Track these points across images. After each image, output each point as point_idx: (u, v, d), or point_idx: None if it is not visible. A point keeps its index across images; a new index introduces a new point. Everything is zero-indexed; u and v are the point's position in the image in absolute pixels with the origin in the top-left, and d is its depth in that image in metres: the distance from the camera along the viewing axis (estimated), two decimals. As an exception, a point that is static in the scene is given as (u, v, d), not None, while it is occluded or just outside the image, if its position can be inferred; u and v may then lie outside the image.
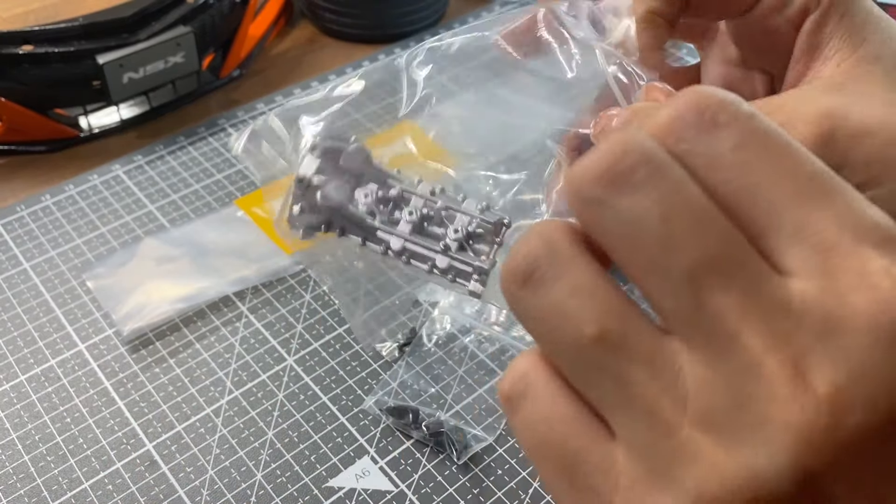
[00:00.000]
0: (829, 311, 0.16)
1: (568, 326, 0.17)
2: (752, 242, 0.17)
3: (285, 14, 0.71)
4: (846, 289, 0.16)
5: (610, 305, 0.17)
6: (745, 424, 0.16)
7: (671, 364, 0.17)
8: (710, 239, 0.16)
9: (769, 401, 0.16)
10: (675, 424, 0.16)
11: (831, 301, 0.16)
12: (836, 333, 0.15)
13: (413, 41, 0.69)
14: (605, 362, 0.17)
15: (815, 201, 0.16)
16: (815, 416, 0.15)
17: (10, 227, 0.52)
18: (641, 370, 0.17)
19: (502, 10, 0.73)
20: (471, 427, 0.40)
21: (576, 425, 0.18)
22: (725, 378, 0.16)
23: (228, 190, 0.54)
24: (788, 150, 0.17)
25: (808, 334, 0.16)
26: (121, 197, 0.54)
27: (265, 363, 0.44)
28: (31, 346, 0.44)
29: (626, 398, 0.17)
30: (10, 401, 0.42)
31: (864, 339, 0.15)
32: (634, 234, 0.17)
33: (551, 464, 0.18)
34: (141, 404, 0.42)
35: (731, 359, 0.16)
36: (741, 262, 0.16)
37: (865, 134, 0.28)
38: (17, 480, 0.38)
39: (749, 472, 0.16)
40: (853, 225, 0.16)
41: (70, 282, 0.48)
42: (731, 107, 0.17)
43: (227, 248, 0.49)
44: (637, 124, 0.18)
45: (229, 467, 0.39)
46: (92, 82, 0.55)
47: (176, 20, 0.56)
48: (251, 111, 0.61)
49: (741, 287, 0.16)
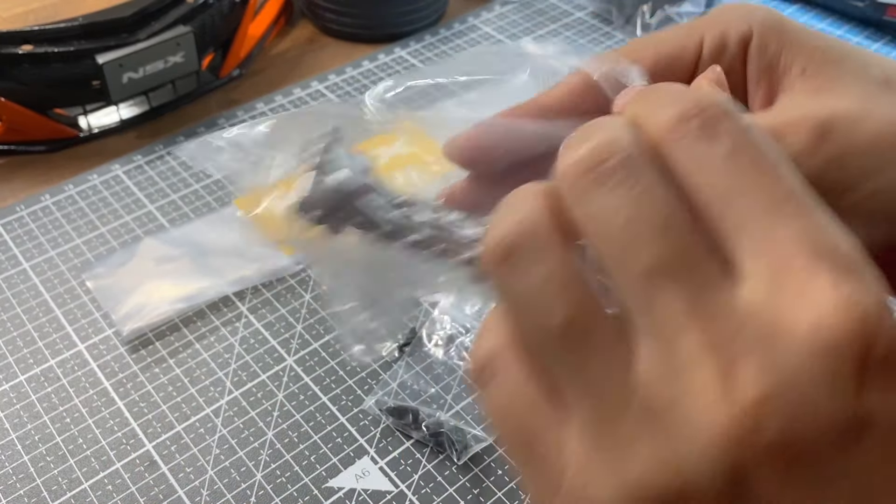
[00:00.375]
0: (770, 321, 0.16)
1: (538, 311, 0.18)
2: (716, 249, 0.18)
3: (285, 14, 0.71)
4: (791, 302, 0.16)
5: (578, 298, 0.18)
6: (676, 420, 0.17)
7: (625, 358, 0.18)
8: (669, 243, 0.17)
9: (699, 399, 0.17)
10: (621, 415, 0.17)
11: (774, 311, 0.16)
12: (773, 342, 0.16)
13: (413, 41, 0.69)
14: (567, 350, 0.18)
15: (785, 217, 0.17)
16: (739, 419, 0.16)
17: (10, 227, 0.51)
18: (599, 362, 0.18)
19: (502, 9, 0.73)
20: (471, 427, 0.40)
21: (536, 407, 0.19)
22: (665, 375, 0.17)
23: (228, 190, 0.54)
24: (773, 166, 0.18)
25: (747, 340, 0.16)
26: (120, 197, 0.54)
27: (265, 363, 0.44)
28: (31, 346, 0.44)
29: (583, 386, 0.18)
30: (9, 401, 0.42)
31: (799, 352, 0.16)
32: (603, 230, 0.18)
33: (512, 439, 0.20)
34: (140, 404, 0.42)
35: (673, 357, 0.17)
36: (695, 267, 0.17)
37: (855, 128, 0.29)
38: (17, 480, 0.38)
39: (676, 467, 0.17)
40: (813, 244, 0.17)
41: (70, 282, 0.48)
42: (731, 117, 0.18)
43: (226, 248, 0.49)
44: (638, 117, 0.19)
45: (229, 467, 0.39)
46: (91, 82, 0.55)
47: (176, 20, 0.56)
48: (251, 111, 0.61)
49: (691, 290, 0.17)
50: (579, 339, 0.18)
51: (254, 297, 0.47)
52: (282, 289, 0.48)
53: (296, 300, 0.47)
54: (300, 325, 0.46)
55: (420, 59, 0.67)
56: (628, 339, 0.18)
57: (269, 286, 0.48)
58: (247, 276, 0.48)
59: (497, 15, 0.73)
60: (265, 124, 0.26)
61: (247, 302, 0.47)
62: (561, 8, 0.74)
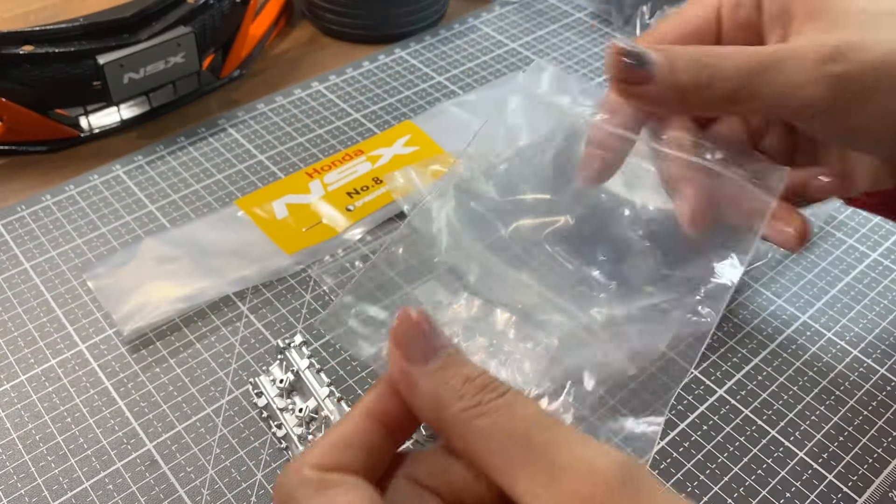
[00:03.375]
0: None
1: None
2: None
3: (285, 14, 0.71)
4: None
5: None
6: None
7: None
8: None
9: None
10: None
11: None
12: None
13: (413, 41, 0.69)
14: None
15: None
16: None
17: (11, 227, 0.52)
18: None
19: (502, 10, 0.73)
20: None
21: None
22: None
23: (229, 190, 0.54)
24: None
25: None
26: (121, 197, 0.54)
27: (266, 363, 0.44)
28: (32, 345, 0.45)
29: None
30: (10, 400, 0.42)
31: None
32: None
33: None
34: (141, 404, 0.42)
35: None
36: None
37: (858, 56, 0.32)
38: (18, 480, 0.39)
39: None
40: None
41: (70, 282, 0.48)
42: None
43: (227, 248, 0.49)
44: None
45: (229, 467, 0.39)
46: (92, 82, 0.55)
47: (176, 20, 0.57)
48: (251, 111, 0.61)
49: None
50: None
51: (254, 296, 0.47)
52: (282, 289, 0.48)
53: (296, 300, 0.47)
54: (300, 325, 0.46)
55: (420, 59, 0.67)
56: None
57: (270, 286, 0.48)
58: (247, 276, 0.48)
59: (497, 16, 0.73)
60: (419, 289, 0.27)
61: (247, 302, 0.47)
62: (560, 8, 0.74)
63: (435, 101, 0.62)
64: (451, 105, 0.62)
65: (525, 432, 0.24)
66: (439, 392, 0.25)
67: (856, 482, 0.39)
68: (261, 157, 0.57)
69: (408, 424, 0.27)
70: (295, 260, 0.49)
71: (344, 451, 0.25)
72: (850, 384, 0.43)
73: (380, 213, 0.52)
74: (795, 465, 0.39)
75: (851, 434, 0.41)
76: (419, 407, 0.26)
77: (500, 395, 0.24)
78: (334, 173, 0.55)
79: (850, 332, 0.46)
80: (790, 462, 0.39)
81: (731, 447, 0.40)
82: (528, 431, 0.24)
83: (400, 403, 0.26)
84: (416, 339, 0.26)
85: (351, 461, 0.25)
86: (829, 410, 0.42)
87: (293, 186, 0.54)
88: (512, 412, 0.24)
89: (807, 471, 0.39)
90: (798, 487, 0.38)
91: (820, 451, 0.40)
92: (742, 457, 0.40)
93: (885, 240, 0.51)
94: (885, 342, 0.45)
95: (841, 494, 0.38)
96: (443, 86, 0.64)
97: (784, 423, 0.41)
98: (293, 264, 0.49)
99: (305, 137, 0.59)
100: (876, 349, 0.45)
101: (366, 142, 0.58)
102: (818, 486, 0.39)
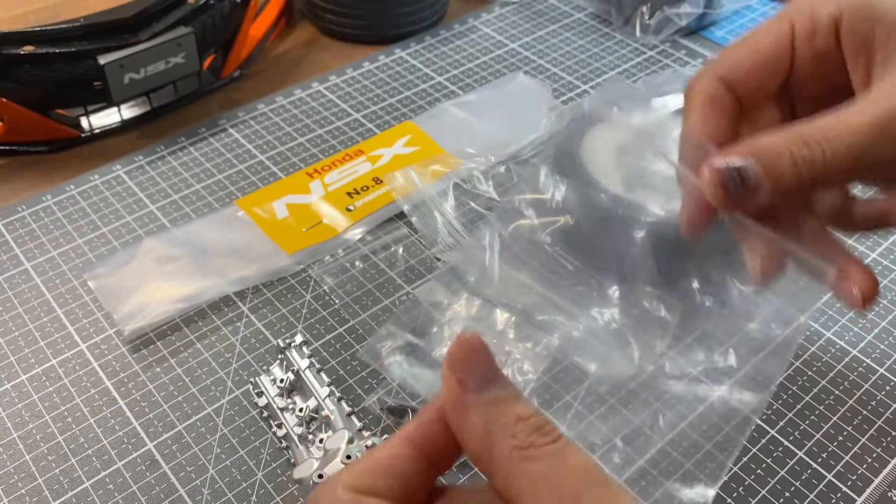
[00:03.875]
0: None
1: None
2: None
3: (286, 15, 0.71)
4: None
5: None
6: None
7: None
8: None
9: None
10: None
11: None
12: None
13: (413, 42, 0.69)
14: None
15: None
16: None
17: (12, 227, 0.52)
18: None
19: (502, 10, 0.74)
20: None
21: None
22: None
23: (229, 190, 0.54)
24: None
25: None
26: (122, 197, 0.54)
27: (266, 362, 0.44)
28: (33, 345, 0.45)
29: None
30: (11, 400, 0.42)
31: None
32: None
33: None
34: (142, 404, 0.42)
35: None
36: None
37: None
38: (19, 479, 0.39)
39: None
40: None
41: (71, 282, 0.48)
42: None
43: (227, 248, 0.49)
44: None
45: (230, 466, 0.39)
46: (93, 83, 0.55)
47: (177, 21, 0.57)
48: (252, 111, 0.61)
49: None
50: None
51: (254, 296, 0.47)
52: (282, 288, 0.48)
53: (296, 300, 0.47)
54: (301, 325, 0.46)
55: (420, 59, 0.67)
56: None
57: (270, 286, 0.48)
58: (247, 276, 0.48)
59: (497, 16, 0.73)
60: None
61: (248, 301, 0.47)
62: (560, 9, 0.74)
63: (435, 102, 0.62)
64: (451, 105, 0.62)
65: (575, 486, 0.23)
66: (490, 426, 0.24)
67: (855, 482, 0.39)
68: (261, 158, 0.57)
69: (449, 455, 0.26)
70: (295, 260, 0.49)
71: (381, 476, 0.24)
72: (849, 384, 0.43)
73: (380, 213, 0.52)
74: (795, 465, 0.39)
75: (851, 434, 0.41)
76: (467, 438, 0.24)
77: (553, 440, 0.24)
78: (334, 173, 0.55)
79: (849, 331, 0.46)
80: (790, 461, 0.40)
81: (730, 447, 0.40)
82: (578, 485, 0.23)
83: (443, 433, 0.25)
84: (473, 366, 0.24)
85: (386, 488, 0.24)
86: (829, 410, 0.42)
87: (293, 186, 0.54)
88: (563, 461, 0.23)
89: (806, 470, 0.39)
90: (797, 487, 0.39)
91: (819, 451, 0.40)
92: (741, 456, 0.40)
93: (885, 240, 0.51)
94: (884, 342, 0.45)
95: (840, 494, 0.38)
96: (443, 86, 0.64)
97: (783, 422, 0.41)
98: (293, 264, 0.49)
99: (306, 137, 0.59)
100: (875, 349, 0.45)
101: (366, 142, 0.58)
102: (817, 485, 0.39)
